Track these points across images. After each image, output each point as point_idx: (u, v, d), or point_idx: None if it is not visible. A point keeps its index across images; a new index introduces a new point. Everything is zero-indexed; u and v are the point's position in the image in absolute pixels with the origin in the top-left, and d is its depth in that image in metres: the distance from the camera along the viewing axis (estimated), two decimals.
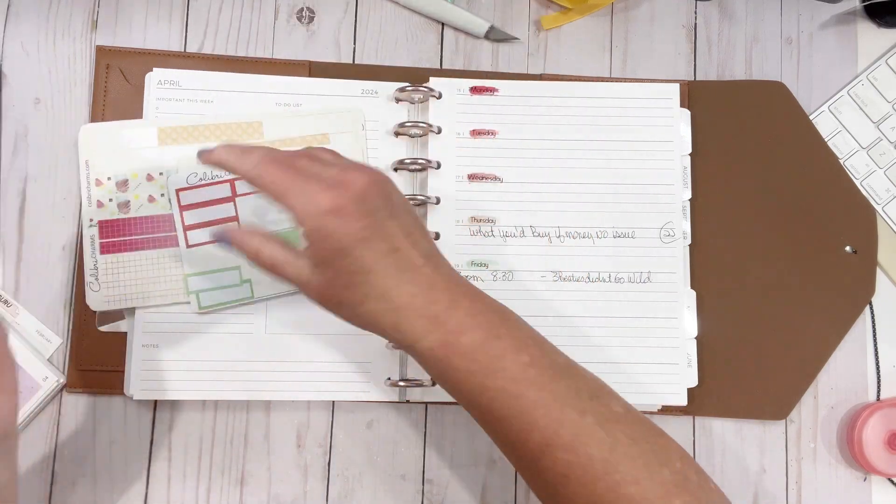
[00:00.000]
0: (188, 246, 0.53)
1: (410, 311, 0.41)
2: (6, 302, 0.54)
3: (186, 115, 0.55)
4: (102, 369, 0.53)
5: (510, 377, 0.40)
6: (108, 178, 0.54)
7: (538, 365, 0.41)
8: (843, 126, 0.60)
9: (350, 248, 0.40)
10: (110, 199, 0.54)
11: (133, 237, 0.53)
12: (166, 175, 0.54)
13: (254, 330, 0.54)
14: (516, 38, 0.59)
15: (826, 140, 0.59)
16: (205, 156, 0.45)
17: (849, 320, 0.57)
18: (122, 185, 0.54)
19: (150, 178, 0.54)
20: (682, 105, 0.58)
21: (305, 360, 0.54)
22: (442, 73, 0.58)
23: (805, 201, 0.58)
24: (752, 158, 0.58)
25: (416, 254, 0.42)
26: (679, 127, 0.57)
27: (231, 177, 0.54)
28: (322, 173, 0.41)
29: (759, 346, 0.56)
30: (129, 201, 0.54)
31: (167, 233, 0.54)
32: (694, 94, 0.59)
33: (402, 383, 0.53)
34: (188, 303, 0.53)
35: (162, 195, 0.54)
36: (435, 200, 0.55)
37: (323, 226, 0.40)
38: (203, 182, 0.54)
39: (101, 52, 0.56)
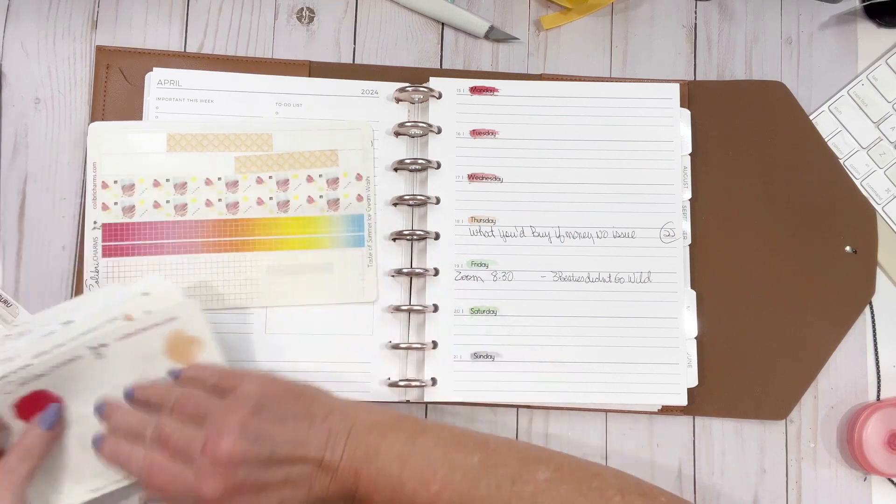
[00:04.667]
0: None
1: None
2: (6, 302, 0.54)
3: (189, 116, 0.55)
4: None
5: None
6: (115, 182, 0.54)
7: (449, 484, 0.44)
8: (843, 126, 0.60)
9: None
10: (115, 203, 0.54)
11: (136, 242, 0.54)
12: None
13: (254, 330, 0.54)
14: (516, 38, 0.59)
15: (826, 140, 0.59)
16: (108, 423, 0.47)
17: (849, 320, 0.57)
18: (129, 189, 0.54)
19: (156, 183, 0.54)
20: (682, 105, 0.58)
21: (305, 360, 0.54)
22: (442, 73, 0.58)
23: (805, 201, 0.58)
24: (752, 158, 0.58)
25: (298, 469, 0.44)
26: (679, 127, 0.57)
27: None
28: (191, 451, 0.44)
29: (759, 346, 0.56)
30: (134, 206, 0.54)
31: (170, 240, 0.54)
32: (694, 94, 0.59)
33: (401, 383, 0.53)
34: None
35: (167, 202, 0.54)
36: (435, 200, 0.55)
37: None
38: None
39: (101, 52, 0.56)
